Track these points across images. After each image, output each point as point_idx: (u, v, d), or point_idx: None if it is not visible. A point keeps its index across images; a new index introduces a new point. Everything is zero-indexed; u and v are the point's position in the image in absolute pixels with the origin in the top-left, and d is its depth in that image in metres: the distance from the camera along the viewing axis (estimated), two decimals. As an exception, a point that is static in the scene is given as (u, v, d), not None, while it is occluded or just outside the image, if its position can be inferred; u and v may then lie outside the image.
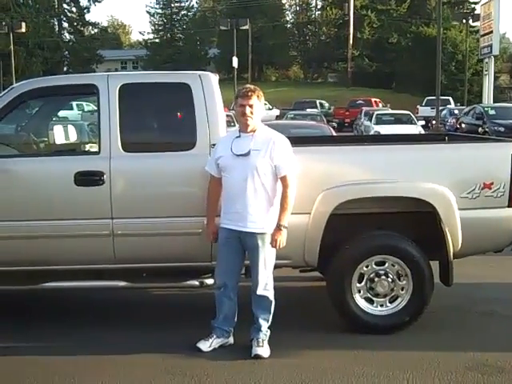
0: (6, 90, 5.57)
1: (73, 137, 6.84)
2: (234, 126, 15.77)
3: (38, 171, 5.34)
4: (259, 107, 4.97)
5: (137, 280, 5.41)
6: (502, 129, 22.26)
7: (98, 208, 5.22)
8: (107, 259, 5.30)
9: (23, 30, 41.91)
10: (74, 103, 28.59)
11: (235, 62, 41.70)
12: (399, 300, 5.36)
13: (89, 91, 5.56)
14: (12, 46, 40.68)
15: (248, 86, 5.11)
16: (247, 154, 4.84)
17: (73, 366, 4.83)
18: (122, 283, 5.33)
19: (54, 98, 6.10)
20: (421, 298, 5.30)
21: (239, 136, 4.96)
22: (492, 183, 5.35)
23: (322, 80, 73.01)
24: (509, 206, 5.40)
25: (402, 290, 5.34)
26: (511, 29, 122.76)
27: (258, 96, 4.95)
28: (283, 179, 4.87)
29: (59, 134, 6.46)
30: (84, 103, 29.50)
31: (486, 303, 6.26)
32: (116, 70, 55.53)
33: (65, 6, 64.42)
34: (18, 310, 6.12)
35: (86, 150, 6.64)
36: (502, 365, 4.73)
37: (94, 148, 5.73)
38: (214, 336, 5.07)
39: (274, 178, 4.88)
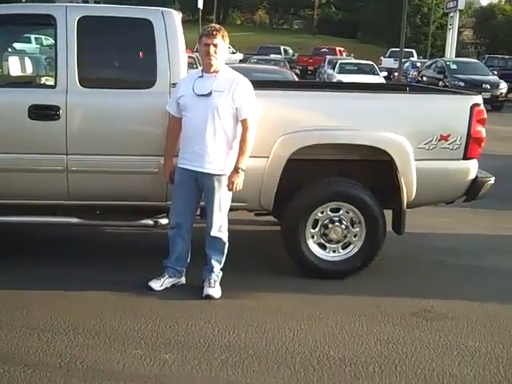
0: (-41, 17, 5.34)
1: (28, 69, 6.66)
2: (196, 68, 15.56)
3: (-9, 102, 5.18)
4: (223, 48, 4.88)
5: (90, 217, 5.35)
6: (461, 83, 22.49)
7: (53, 143, 5.11)
8: (61, 195, 5.22)
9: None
10: (32, 36, 27.73)
11: (200, 2, 40.83)
12: (352, 246, 5.44)
13: (46, 22, 5.38)
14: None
15: (213, 25, 5.01)
16: (209, 95, 4.78)
17: (21, 299, 4.79)
18: (75, 220, 5.27)
19: (8, 28, 5.87)
20: (373, 245, 5.38)
21: (202, 76, 4.88)
22: (449, 135, 5.39)
23: (288, 26, 72.28)
24: (464, 159, 5.47)
25: (355, 236, 5.42)
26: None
27: (222, 36, 4.86)
28: (244, 122, 4.84)
29: (14, 66, 6.28)
30: (43, 37, 28.62)
31: (435, 252, 6.41)
32: (77, 3, 53.88)
33: None
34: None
35: (42, 83, 6.46)
36: (445, 311, 4.87)
37: (50, 82, 5.58)
38: (166, 275, 5.09)
39: (234, 120, 4.84)
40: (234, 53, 36.70)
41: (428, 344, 4.31)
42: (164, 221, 5.24)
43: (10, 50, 7.32)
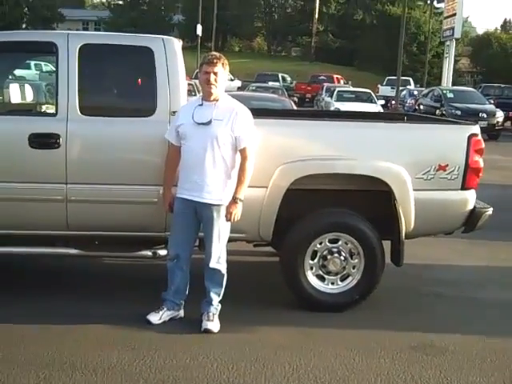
0: (-40, 45, 5.35)
1: (29, 97, 6.66)
2: (195, 95, 15.63)
3: (-9, 131, 5.17)
4: (223, 76, 4.89)
5: (89, 248, 5.31)
6: (458, 112, 22.57)
7: (53, 172, 5.09)
8: (60, 225, 5.18)
9: (-20, -18, 40.51)
10: (32, 63, 27.89)
11: (199, 29, 41.16)
12: (350, 278, 5.40)
13: (47, 49, 5.39)
14: (-32, -1, 39.31)
15: (214, 53, 5.03)
16: (209, 123, 4.77)
17: (18, 334, 4.71)
18: (74, 251, 5.23)
19: (10, 55, 5.89)
20: (371, 277, 5.35)
21: (201, 104, 4.88)
22: (447, 165, 5.39)
23: (286, 53, 72.82)
24: (462, 189, 5.47)
25: (354, 268, 5.39)
26: (474, 13, 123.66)
27: (223, 64, 4.87)
28: (243, 151, 4.83)
29: (15, 93, 6.28)
30: (42, 63, 28.78)
31: (434, 284, 6.37)
32: (77, 31, 54.30)
33: (26, -40, 62.47)
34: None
35: (43, 111, 6.47)
36: (446, 345, 4.82)
37: (51, 109, 5.59)
38: (165, 308, 5.03)
39: (233, 149, 4.83)
40: (232, 80, 36.86)
41: (428, 380, 4.26)
42: (163, 252, 5.19)
43: (10, 76, 7.33)
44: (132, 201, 5.14)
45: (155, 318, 4.98)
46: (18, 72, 14.26)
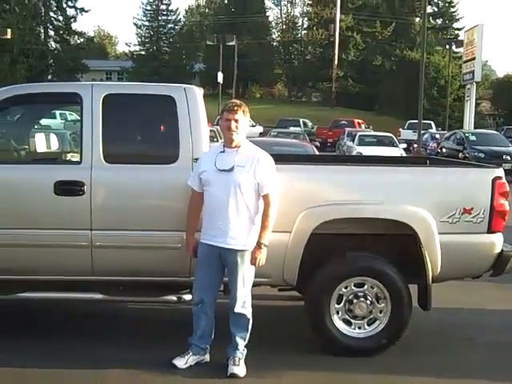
0: (-12, 96, 5.48)
1: (54, 145, 6.77)
2: (217, 141, 15.77)
3: (18, 179, 5.26)
4: (244, 123, 4.95)
5: (114, 293, 5.34)
6: (482, 155, 22.45)
7: (78, 219, 5.15)
8: (85, 271, 5.23)
9: (8, 36, 41.65)
10: (57, 112, 28.43)
11: (220, 77, 41.76)
12: (377, 323, 5.33)
13: (72, 100, 5.52)
14: (-4, 52, 40.43)
15: (234, 100, 5.09)
16: (231, 170, 4.81)
17: (46, 379, 4.72)
18: (99, 296, 5.25)
19: (37, 106, 6.05)
20: (399, 321, 5.28)
21: (223, 151, 4.93)
22: (472, 208, 5.36)
23: (306, 99, 73.43)
24: (488, 232, 5.41)
25: (381, 312, 5.32)
26: (493, 56, 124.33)
27: (243, 111, 4.93)
28: (265, 197, 4.84)
29: (40, 142, 6.40)
30: (67, 112, 29.32)
31: (464, 329, 6.27)
32: (101, 81, 55.39)
33: (51, 14, 64.17)
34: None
35: (67, 159, 6.57)
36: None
37: (76, 158, 5.67)
38: (191, 353, 5.01)
39: (256, 195, 4.85)
40: (253, 126, 37.18)
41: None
42: (188, 297, 5.19)
43: (36, 126, 7.47)
44: (156, 246, 5.17)
45: (181, 362, 4.96)
46: (43, 121, 14.51)
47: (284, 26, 76.85)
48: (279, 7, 76.40)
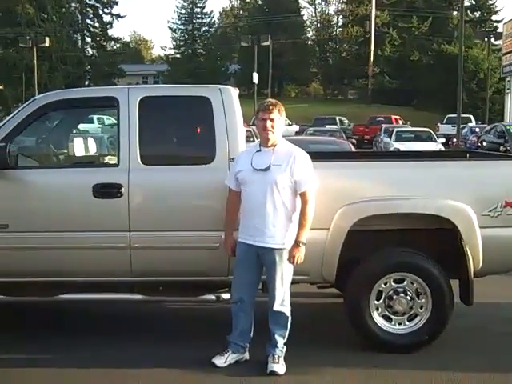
0: (28, 102, 5.59)
1: (92, 149, 6.86)
2: (254, 141, 15.80)
3: (58, 183, 5.34)
4: (280, 122, 4.94)
5: (153, 293, 5.39)
6: (524, 147, 22.03)
7: (116, 220, 5.21)
8: (124, 272, 5.28)
9: (47, 44, 42.44)
10: (95, 117, 28.86)
11: (255, 77, 41.80)
12: (418, 318, 5.28)
13: (109, 104, 5.57)
14: (35, 60, 41.19)
15: (269, 100, 5.09)
16: (267, 169, 4.82)
17: (84, 378, 4.81)
18: (138, 296, 5.32)
19: (75, 111, 6.13)
20: (440, 316, 5.22)
21: (260, 150, 4.94)
22: (514, 201, 5.26)
23: (342, 97, 73.01)
24: (531, 225, 5.31)
25: (421, 308, 5.27)
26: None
27: (279, 110, 4.93)
28: (303, 195, 4.84)
29: (79, 147, 6.49)
30: (104, 117, 29.74)
31: (507, 323, 6.16)
32: (137, 84, 55.91)
33: (88, 21, 65.20)
34: (29, 321, 6.14)
35: (105, 162, 6.66)
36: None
37: (113, 160, 5.74)
38: (230, 351, 5.03)
39: (293, 193, 4.85)
40: (289, 125, 37.14)
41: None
42: (226, 296, 5.22)
43: (74, 131, 7.58)
44: (194, 246, 5.20)
45: (220, 360, 4.98)
46: (81, 126, 14.73)
47: (319, 25, 76.61)
48: (313, 6, 76.25)
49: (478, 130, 32.04)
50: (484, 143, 25.54)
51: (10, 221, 5.23)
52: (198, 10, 72.20)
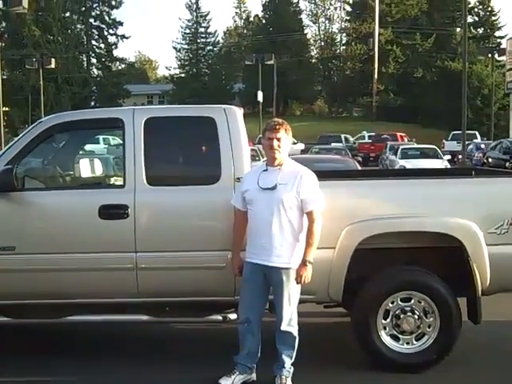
0: (34, 124, 5.64)
1: (98, 170, 6.88)
2: (259, 160, 15.83)
3: (64, 204, 5.35)
4: (286, 141, 4.96)
5: (160, 314, 5.37)
6: (529, 164, 22.03)
7: (122, 241, 5.21)
8: (131, 293, 5.27)
9: (53, 65, 42.82)
10: (101, 137, 28.92)
11: (260, 96, 41.97)
12: (426, 338, 5.25)
13: (114, 125, 5.59)
14: (42, 82, 41.50)
15: (276, 119, 5.11)
16: (274, 188, 4.82)
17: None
18: (145, 317, 5.30)
19: (81, 132, 6.15)
20: (448, 335, 5.18)
21: (266, 170, 4.95)
22: (521, 219, 5.24)
23: (347, 114, 73.22)
24: (538, 243, 5.28)
25: (429, 327, 5.23)
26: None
27: (285, 130, 4.95)
28: (309, 214, 4.83)
29: (85, 168, 6.50)
30: (110, 137, 29.82)
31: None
32: (142, 105, 56.26)
33: (93, 42, 65.83)
34: (36, 344, 6.11)
35: (111, 183, 6.67)
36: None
37: (119, 181, 5.75)
38: (237, 372, 5.00)
39: (300, 212, 4.85)
40: (295, 143, 37.12)
41: None
42: (233, 316, 5.20)
43: (80, 151, 7.60)
44: (200, 266, 5.19)
45: (227, 381, 4.95)
46: (87, 147, 14.77)
47: (322, 43, 77.02)
48: (317, 24, 76.70)
49: (483, 146, 32.05)
50: (490, 159, 25.58)
51: (17, 243, 5.24)
52: (203, 29, 72.82)
